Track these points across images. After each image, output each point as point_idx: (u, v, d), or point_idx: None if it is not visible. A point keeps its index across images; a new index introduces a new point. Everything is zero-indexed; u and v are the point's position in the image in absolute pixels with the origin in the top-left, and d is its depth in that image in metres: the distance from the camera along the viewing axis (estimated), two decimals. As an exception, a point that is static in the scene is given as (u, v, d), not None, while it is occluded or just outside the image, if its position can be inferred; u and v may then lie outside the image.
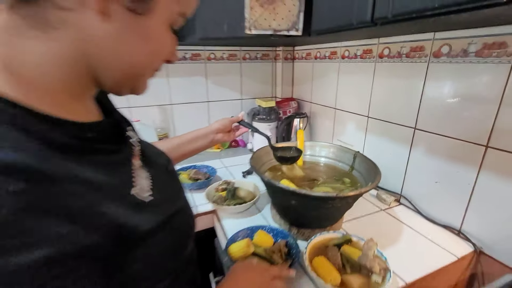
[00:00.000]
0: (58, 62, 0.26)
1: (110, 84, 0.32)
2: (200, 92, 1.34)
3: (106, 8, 0.25)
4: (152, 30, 0.30)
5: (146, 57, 0.31)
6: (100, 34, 0.26)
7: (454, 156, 0.70)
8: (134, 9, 0.27)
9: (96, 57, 0.28)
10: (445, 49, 0.69)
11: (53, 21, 0.25)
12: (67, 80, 0.28)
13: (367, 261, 0.54)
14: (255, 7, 0.80)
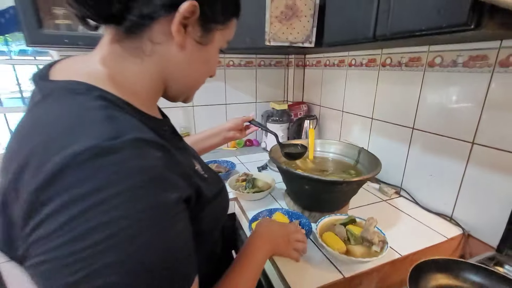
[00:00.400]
0: (147, 78, 0.36)
1: (173, 94, 0.42)
2: (219, 95, 1.47)
3: (184, 42, 0.35)
4: (210, 55, 0.41)
5: (202, 75, 0.43)
6: (176, 59, 0.36)
7: (445, 151, 0.81)
8: (200, 42, 0.37)
9: (170, 75, 0.38)
10: (438, 60, 0.80)
11: (147, 51, 0.34)
12: (150, 90, 0.38)
13: (368, 235, 0.65)
14: (274, 23, 0.94)
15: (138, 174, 0.25)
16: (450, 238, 0.75)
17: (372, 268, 0.63)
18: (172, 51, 0.35)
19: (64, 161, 0.23)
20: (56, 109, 0.29)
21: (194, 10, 0.33)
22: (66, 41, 0.92)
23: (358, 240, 0.67)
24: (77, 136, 0.25)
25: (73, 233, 0.22)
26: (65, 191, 0.23)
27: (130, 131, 0.27)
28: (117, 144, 0.25)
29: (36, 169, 0.24)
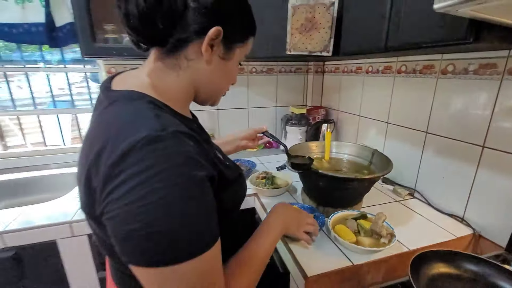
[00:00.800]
0: (181, 87, 0.46)
1: (202, 99, 0.52)
2: (242, 100, 1.58)
3: (211, 59, 0.45)
4: (231, 68, 0.50)
5: (225, 84, 0.53)
6: (204, 72, 0.46)
7: (457, 154, 0.85)
8: (223, 58, 0.47)
9: (199, 84, 0.48)
10: (450, 68, 0.85)
11: (182, 66, 0.45)
12: (183, 96, 0.48)
13: (377, 228, 0.71)
14: (295, 34, 1.03)
15: (177, 156, 0.35)
16: (460, 237, 0.78)
17: (380, 258, 0.69)
18: (201, 66, 0.45)
19: (129, 146, 0.33)
20: (121, 111, 0.40)
21: (219, 33, 0.43)
22: (114, 52, 1.07)
23: (368, 232, 0.73)
24: (136, 129, 0.35)
25: (135, 196, 0.32)
26: (129, 168, 0.33)
27: (172, 125, 0.37)
28: (163, 134, 0.35)
29: (111, 152, 0.34)
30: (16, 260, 0.86)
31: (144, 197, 0.32)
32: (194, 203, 0.35)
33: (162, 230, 0.33)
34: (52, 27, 1.21)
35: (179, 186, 0.34)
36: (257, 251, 0.53)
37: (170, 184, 0.33)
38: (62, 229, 0.88)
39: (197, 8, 0.41)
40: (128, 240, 0.33)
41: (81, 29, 1.01)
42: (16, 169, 1.35)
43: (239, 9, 0.47)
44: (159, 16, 0.40)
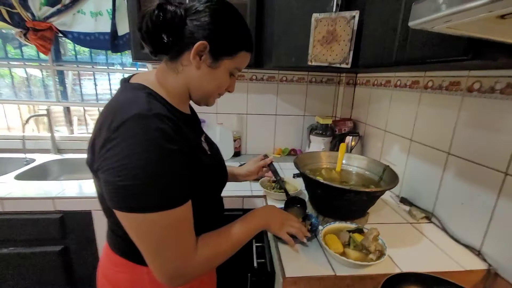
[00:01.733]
0: (178, 85, 0.58)
1: (195, 99, 0.63)
2: (270, 107, 1.64)
3: (199, 65, 0.55)
4: (218, 75, 0.59)
5: (213, 88, 0.61)
6: (194, 76, 0.57)
7: (477, 179, 0.77)
8: (210, 66, 0.57)
9: (191, 85, 0.58)
10: (476, 85, 0.78)
11: (179, 70, 0.57)
12: (180, 94, 0.59)
13: (366, 242, 0.69)
14: (316, 46, 1.06)
15: (155, 131, 0.45)
16: (469, 270, 0.71)
17: (366, 274, 0.67)
18: (192, 70, 0.56)
19: (123, 120, 0.45)
20: (125, 95, 0.52)
21: (205, 47, 0.53)
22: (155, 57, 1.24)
23: (358, 246, 0.72)
24: (131, 108, 0.46)
25: (121, 155, 0.43)
26: (120, 135, 0.44)
27: (157, 109, 0.48)
28: (148, 114, 0.46)
29: (111, 123, 0.45)
30: (62, 221, 1.06)
31: (127, 157, 0.43)
32: (163, 167, 0.45)
33: (137, 183, 0.43)
34: (115, 36, 1.45)
35: (153, 152, 0.44)
36: (231, 233, 0.60)
37: (147, 149, 0.44)
38: (96, 202, 1.05)
39: (191, 26, 0.53)
40: (112, 189, 0.44)
41: (133, 37, 1.21)
42: (78, 150, 1.64)
43: (226, 30, 0.56)
44: (163, 31, 0.52)
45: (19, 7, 1.30)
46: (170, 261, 0.48)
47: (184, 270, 0.49)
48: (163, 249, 0.46)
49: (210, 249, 0.54)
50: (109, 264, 0.63)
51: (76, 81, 2.16)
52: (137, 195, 0.43)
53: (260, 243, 0.99)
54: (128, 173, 0.42)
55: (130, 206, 0.44)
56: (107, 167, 0.44)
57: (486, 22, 0.36)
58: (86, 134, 1.76)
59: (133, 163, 0.43)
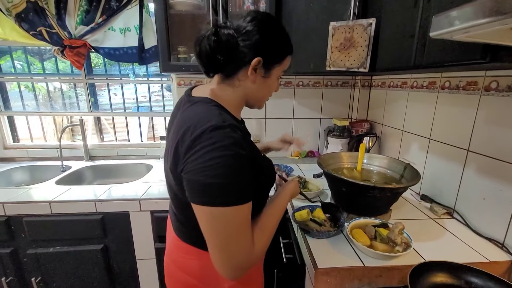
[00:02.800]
0: (236, 99, 0.66)
1: (251, 105, 0.71)
2: (287, 110, 1.71)
3: (255, 79, 0.63)
4: (271, 83, 0.67)
5: (267, 94, 0.70)
6: (251, 88, 0.65)
7: (499, 175, 0.81)
8: (264, 76, 0.64)
9: (249, 96, 0.67)
10: (494, 85, 0.82)
11: (236, 85, 0.64)
12: (237, 104, 0.67)
13: (393, 236, 0.74)
14: (334, 52, 1.12)
15: (230, 138, 0.52)
16: (493, 261, 0.74)
17: (394, 265, 0.72)
18: (248, 84, 0.64)
19: (203, 130, 0.52)
20: (200, 108, 0.59)
21: (259, 62, 0.60)
22: (183, 68, 1.33)
23: (384, 239, 0.76)
24: (208, 120, 0.54)
25: (203, 159, 0.50)
26: (202, 143, 0.51)
27: (229, 120, 0.55)
28: (224, 125, 0.53)
29: (192, 132, 0.53)
30: (102, 222, 1.15)
31: (208, 160, 0.50)
32: (237, 170, 0.52)
33: (217, 181, 0.50)
34: (142, 49, 1.56)
35: (229, 157, 0.51)
36: (272, 215, 0.66)
37: (224, 154, 0.50)
38: (133, 204, 1.14)
39: (243, 46, 0.59)
40: (196, 186, 0.51)
41: (162, 51, 1.31)
42: (107, 157, 1.75)
43: (275, 42, 0.63)
44: (220, 53, 0.58)
45: (57, 27, 1.43)
46: (236, 254, 0.53)
47: (246, 263, 0.54)
48: (231, 243, 0.52)
49: (264, 237, 0.60)
50: (179, 252, 0.71)
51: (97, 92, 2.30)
52: (215, 193, 0.50)
53: (288, 239, 1.05)
54: (210, 173, 0.50)
55: (208, 201, 0.51)
56: (192, 169, 0.51)
57: (500, 32, 0.41)
58: (115, 142, 1.87)
59: (214, 165, 0.50)
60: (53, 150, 1.73)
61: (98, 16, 1.45)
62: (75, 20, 1.45)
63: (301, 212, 0.91)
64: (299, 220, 0.89)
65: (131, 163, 1.68)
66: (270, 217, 0.65)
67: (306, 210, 0.91)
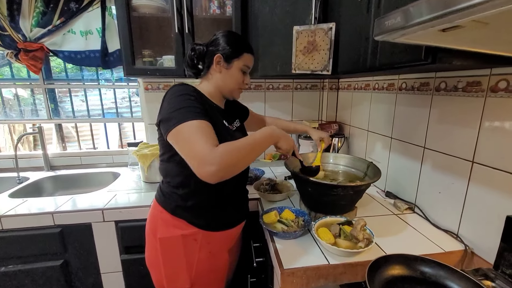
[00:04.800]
0: (212, 87, 0.88)
1: (225, 94, 0.90)
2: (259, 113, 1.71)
3: (220, 69, 0.85)
4: (233, 73, 0.86)
5: (233, 84, 0.88)
6: (219, 78, 0.86)
7: (450, 169, 0.86)
8: (227, 68, 0.85)
9: (219, 85, 0.87)
10: (442, 85, 0.88)
11: (209, 78, 0.88)
12: (216, 93, 0.88)
13: (355, 232, 0.76)
14: (299, 55, 1.14)
15: (184, 90, 0.76)
16: (449, 252, 0.78)
17: (357, 262, 0.73)
18: (217, 75, 0.86)
19: (170, 88, 0.78)
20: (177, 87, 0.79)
21: (220, 57, 0.83)
22: (149, 72, 1.29)
23: (348, 236, 0.78)
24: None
25: (166, 102, 0.75)
26: (166, 96, 0.77)
27: (194, 88, 0.79)
28: (184, 84, 0.78)
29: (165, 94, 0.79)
30: (61, 235, 1.08)
31: (167, 103, 0.74)
32: (184, 102, 0.72)
33: (171, 112, 0.70)
34: (106, 53, 1.50)
35: (179, 96, 0.73)
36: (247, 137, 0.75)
37: (176, 96, 0.74)
38: (95, 214, 1.08)
39: (211, 50, 0.85)
40: (163, 122, 0.72)
41: (125, 54, 1.26)
42: (71, 166, 1.65)
43: (231, 43, 0.84)
44: (196, 58, 0.87)
45: (10, 29, 1.34)
46: (199, 152, 0.64)
47: (211, 159, 0.63)
48: (194, 146, 0.65)
49: (229, 144, 0.68)
50: (151, 208, 0.90)
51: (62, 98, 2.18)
52: (174, 118, 0.69)
53: (258, 243, 1.04)
54: (167, 110, 0.71)
55: (172, 124, 0.68)
56: (160, 113, 0.75)
57: (432, 34, 0.44)
58: (79, 150, 1.77)
59: (171, 103, 0.72)
60: (8, 161, 1.61)
61: (56, 18, 1.38)
62: (30, 22, 1.36)
63: (269, 214, 0.91)
64: (267, 222, 0.89)
65: (96, 172, 1.60)
66: (238, 142, 0.71)
67: (274, 212, 0.91)
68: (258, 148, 0.74)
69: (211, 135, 0.68)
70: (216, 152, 0.64)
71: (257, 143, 0.74)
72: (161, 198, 0.86)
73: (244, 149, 0.70)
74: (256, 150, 0.74)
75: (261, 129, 0.79)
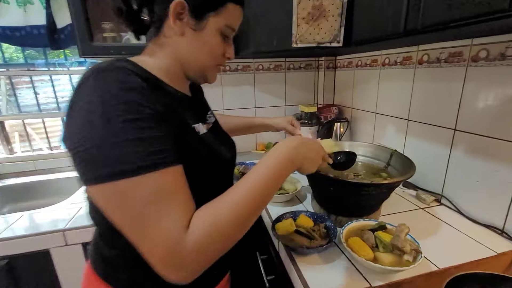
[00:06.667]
0: (169, 62, 0.50)
1: (191, 76, 0.54)
2: (248, 99, 1.50)
3: (183, 30, 0.48)
4: (208, 39, 0.50)
5: (206, 55, 0.51)
6: (182, 45, 0.49)
7: (493, 155, 0.72)
8: (195, 29, 0.48)
9: (182, 58, 0.51)
10: (482, 54, 0.73)
11: (163, 43, 0.50)
12: (174, 72, 0.51)
13: (399, 242, 0.60)
14: (301, 24, 0.94)
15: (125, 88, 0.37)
16: (501, 253, 0.66)
17: (403, 279, 0.58)
18: (178, 40, 0.49)
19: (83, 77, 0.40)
20: None
21: (182, 6, 0.46)
22: (112, 51, 1.02)
23: (388, 247, 0.62)
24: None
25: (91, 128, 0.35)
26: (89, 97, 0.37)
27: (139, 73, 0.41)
28: (124, 70, 0.39)
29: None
30: (9, 269, 0.82)
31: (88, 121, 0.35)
32: (135, 125, 0.36)
33: (107, 151, 0.34)
34: (53, 29, 1.19)
35: (122, 112, 0.36)
36: (236, 190, 0.41)
37: (111, 107, 0.36)
38: (55, 238, 0.83)
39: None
40: (79, 158, 0.36)
41: (78, 28, 0.98)
42: (22, 173, 1.34)
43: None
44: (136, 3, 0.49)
45: None
46: (160, 242, 0.34)
47: (178, 252, 0.34)
48: (149, 227, 0.34)
49: (216, 214, 0.38)
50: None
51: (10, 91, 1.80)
52: (107, 162, 0.34)
53: (266, 255, 0.86)
54: (92, 134, 0.35)
55: (102, 173, 0.34)
56: (70, 133, 0.37)
57: None
58: (31, 153, 1.45)
59: (97, 123, 0.35)
60: None
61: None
62: None
63: (283, 223, 0.73)
64: (283, 235, 0.71)
65: (55, 179, 1.31)
66: (235, 190, 0.41)
67: (289, 220, 0.73)
68: (268, 195, 0.44)
69: (181, 198, 0.37)
70: (189, 244, 0.35)
71: (269, 186, 0.43)
72: (98, 263, 0.53)
73: (243, 213, 0.39)
74: (265, 200, 0.43)
75: (271, 154, 0.47)
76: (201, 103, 0.64)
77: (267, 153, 0.48)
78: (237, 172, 1.15)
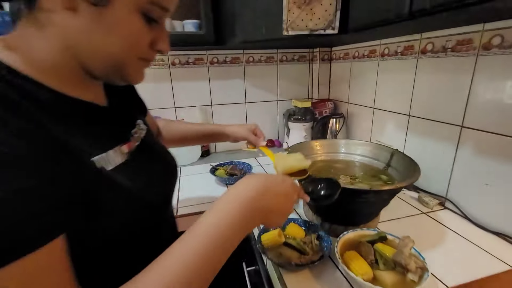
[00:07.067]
0: (51, 49, 0.32)
1: (97, 73, 0.36)
2: (238, 93, 1.40)
3: (73, 5, 0.30)
4: (117, 20, 0.32)
5: (119, 47, 0.34)
6: (75, 28, 0.31)
7: (505, 155, 0.64)
8: (95, 3, 0.30)
9: (77, 49, 0.33)
10: (496, 40, 0.64)
11: (44, 21, 0.31)
12: (62, 67, 0.34)
13: (403, 259, 0.52)
14: (292, 9, 0.84)
15: None
16: (515, 267, 0.58)
17: (407, 300, 0.50)
18: (65, 19, 0.31)
19: None
20: None
21: None
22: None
23: (389, 264, 0.54)
24: None
25: None
26: None
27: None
28: None
29: None
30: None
31: None
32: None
33: None
34: None
35: None
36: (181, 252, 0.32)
37: None
38: None
39: None
40: None
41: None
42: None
43: None
44: None
45: None
46: None
47: None
48: None
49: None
50: None
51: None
52: None
53: (253, 266, 0.78)
54: None
55: None
56: None
57: None
58: None
59: None
60: None
61: None
62: None
63: (270, 233, 0.64)
64: (269, 247, 0.62)
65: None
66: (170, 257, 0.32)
67: (277, 230, 0.64)
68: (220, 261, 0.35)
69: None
70: None
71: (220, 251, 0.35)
72: None
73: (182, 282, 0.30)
74: (217, 266, 0.35)
75: (222, 200, 0.38)
76: (123, 113, 0.46)
77: (215, 205, 0.37)
78: (224, 172, 1.06)
